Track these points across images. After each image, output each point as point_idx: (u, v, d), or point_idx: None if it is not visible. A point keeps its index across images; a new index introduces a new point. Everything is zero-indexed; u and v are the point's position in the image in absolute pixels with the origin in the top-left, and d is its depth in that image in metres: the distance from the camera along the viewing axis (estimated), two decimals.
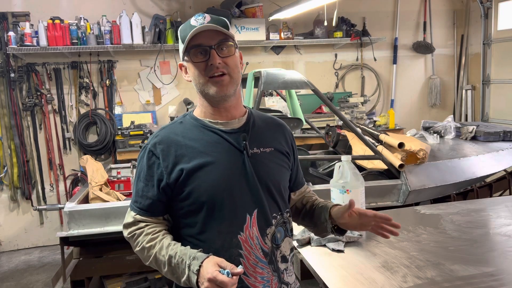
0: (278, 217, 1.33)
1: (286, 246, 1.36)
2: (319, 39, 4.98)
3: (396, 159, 2.90)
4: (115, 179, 3.43)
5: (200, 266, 1.12)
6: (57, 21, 4.25)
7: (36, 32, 4.23)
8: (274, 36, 4.82)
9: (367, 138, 3.11)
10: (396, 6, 5.41)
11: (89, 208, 2.71)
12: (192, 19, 1.26)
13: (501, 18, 5.13)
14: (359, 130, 3.09)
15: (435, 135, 3.70)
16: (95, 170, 3.19)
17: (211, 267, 1.09)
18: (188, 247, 1.20)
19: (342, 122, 3.10)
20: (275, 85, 2.85)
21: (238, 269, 1.09)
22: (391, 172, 2.99)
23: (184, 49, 1.26)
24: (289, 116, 3.33)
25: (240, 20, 4.60)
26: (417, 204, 2.92)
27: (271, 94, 4.81)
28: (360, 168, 3.09)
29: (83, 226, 2.67)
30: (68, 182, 4.76)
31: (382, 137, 3.14)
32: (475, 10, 5.44)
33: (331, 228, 1.38)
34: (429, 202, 3.02)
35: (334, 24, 4.37)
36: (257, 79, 2.95)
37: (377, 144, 3.08)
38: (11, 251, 4.68)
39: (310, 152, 3.92)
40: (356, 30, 5.07)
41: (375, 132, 3.30)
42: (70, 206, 2.69)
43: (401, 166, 2.86)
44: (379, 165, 3.06)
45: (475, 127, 3.73)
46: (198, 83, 1.28)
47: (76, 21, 4.35)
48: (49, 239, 4.72)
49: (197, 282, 1.12)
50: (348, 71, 5.39)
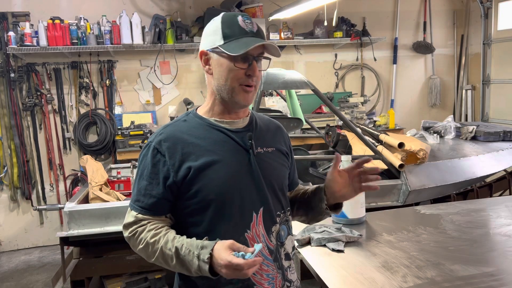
0: (282, 215, 1.36)
1: (289, 244, 1.38)
2: (319, 39, 4.98)
3: (396, 159, 2.90)
4: (115, 179, 3.43)
5: (211, 254, 1.11)
6: (57, 21, 4.25)
7: (36, 32, 4.23)
8: (274, 36, 4.82)
9: (367, 138, 3.11)
10: (396, 6, 5.41)
11: (89, 208, 2.71)
12: (240, 19, 1.25)
13: (501, 18, 5.13)
14: (359, 130, 3.09)
15: (435, 135, 3.70)
16: (95, 170, 3.20)
17: (224, 253, 1.09)
18: (194, 238, 1.19)
19: (342, 122, 3.10)
20: (275, 85, 2.85)
21: (251, 249, 1.09)
22: (391, 172, 2.99)
23: (239, 53, 1.21)
24: (289, 116, 3.33)
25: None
26: (417, 204, 2.92)
27: (271, 94, 4.81)
28: None
29: (83, 226, 2.67)
30: (68, 182, 4.76)
31: (382, 137, 3.14)
32: (475, 10, 5.44)
33: (326, 206, 1.38)
34: (429, 202, 3.02)
35: (334, 24, 4.37)
36: None
37: (377, 144, 3.08)
38: (11, 251, 4.68)
39: (310, 152, 3.92)
40: (356, 30, 5.07)
41: (375, 132, 3.30)
42: (70, 206, 2.69)
43: (401, 166, 2.86)
44: (379, 165, 3.06)
45: (475, 127, 3.73)
46: (228, 86, 1.26)
47: (76, 21, 4.35)
48: (49, 239, 4.72)
49: (210, 270, 1.12)
50: (348, 71, 5.39)
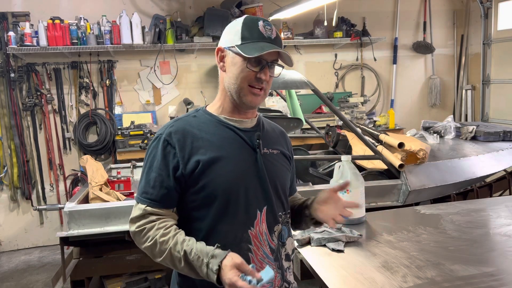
0: (283, 216, 1.38)
1: (290, 245, 1.40)
2: (319, 39, 4.98)
3: (396, 159, 2.90)
4: (115, 179, 3.43)
5: (220, 266, 1.12)
6: (57, 21, 4.25)
7: (36, 32, 4.23)
8: None
9: (367, 138, 3.11)
10: (396, 6, 5.41)
11: (89, 208, 2.71)
12: (261, 24, 1.27)
13: (501, 18, 5.13)
14: (359, 130, 3.09)
15: (435, 135, 3.70)
16: (95, 170, 3.19)
17: (230, 272, 1.09)
18: (203, 243, 1.19)
19: (342, 122, 3.10)
20: (275, 85, 2.85)
21: (259, 274, 1.09)
22: (391, 172, 2.99)
23: (255, 56, 1.24)
24: (289, 116, 3.33)
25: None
26: (417, 204, 2.92)
27: (271, 94, 4.81)
28: (360, 168, 3.08)
29: (83, 226, 2.67)
30: (68, 182, 4.76)
31: (382, 137, 3.14)
32: (475, 10, 5.44)
33: (310, 219, 1.43)
34: (429, 202, 3.02)
35: (334, 24, 4.37)
36: None
37: (377, 144, 3.08)
38: (11, 251, 4.68)
39: (310, 152, 3.92)
40: (356, 30, 5.07)
41: (375, 132, 3.30)
42: (70, 206, 2.68)
43: (401, 166, 2.86)
44: (379, 165, 3.06)
45: (475, 127, 3.73)
46: (238, 85, 1.28)
47: (76, 21, 4.35)
48: (49, 239, 4.72)
49: (217, 280, 1.12)
50: (348, 71, 5.39)
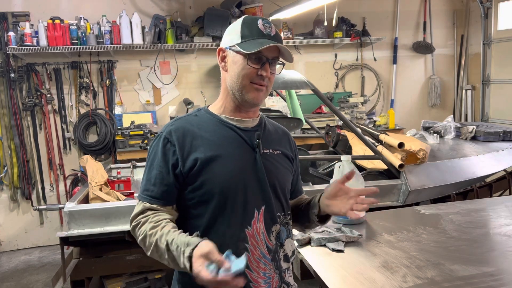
0: (282, 217, 1.37)
1: (289, 247, 1.39)
2: (319, 39, 4.98)
3: (396, 159, 2.90)
4: (115, 179, 3.42)
5: (192, 253, 1.11)
6: (57, 21, 4.25)
7: (36, 32, 4.22)
8: None
9: (367, 138, 3.11)
10: (396, 6, 5.41)
11: (89, 208, 2.71)
12: (260, 23, 1.29)
13: (501, 18, 5.13)
14: (359, 130, 3.09)
15: (435, 135, 3.70)
16: (95, 170, 3.19)
17: (197, 260, 1.07)
18: (184, 234, 1.18)
19: (342, 122, 3.10)
20: (275, 85, 2.85)
21: (226, 265, 1.04)
22: (391, 172, 2.99)
23: (252, 51, 1.25)
24: (289, 116, 3.33)
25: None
26: (417, 204, 2.92)
27: (271, 94, 4.81)
28: (360, 168, 3.09)
29: (83, 226, 2.67)
30: (68, 182, 4.76)
31: (382, 137, 3.14)
32: (475, 10, 5.44)
33: (316, 215, 1.39)
34: (429, 202, 3.02)
35: (334, 24, 4.37)
36: None
37: (377, 144, 3.08)
38: (11, 251, 4.68)
39: (310, 152, 3.92)
40: (356, 30, 5.07)
41: (375, 132, 3.30)
42: (70, 206, 2.68)
43: (401, 166, 2.86)
44: (379, 165, 3.06)
45: (475, 127, 3.73)
46: (240, 83, 1.29)
47: (76, 21, 4.35)
48: (49, 239, 4.72)
49: (191, 269, 1.10)
50: (348, 71, 5.39)
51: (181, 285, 1.33)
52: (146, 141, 4.29)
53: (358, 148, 3.37)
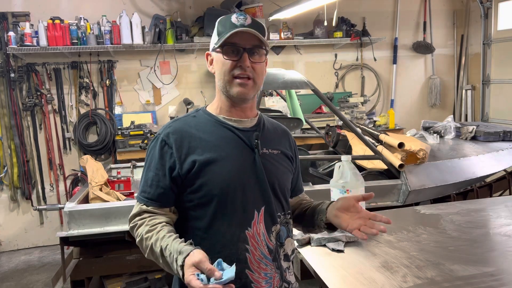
0: (282, 217, 1.37)
1: (289, 246, 1.39)
2: (319, 39, 4.98)
3: (396, 159, 2.90)
4: (115, 179, 3.42)
5: (184, 262, 1.11)
6: (57, 21, 4.25)
7: (36, 32, 4.23)
8: (274, 36, 4.82)
9: (367, 138, 3.11)
10: (396, 6, 5.41)
11: (89, 208, 2.71)
12: (234, 17, 1.29)
13: (501, 18, 5.13)
14: (359, 130, 3.09)
15: (435, 135, 3.69)
16: (95, 170, 3.19)
17: (188, 269, 1.07)
18: (178, 240, 1.18)
19: (342, 122, 3.10)
20: (275, 85, 2.85)
21: (218, 273, 1.05)
22: (391, 172, 2.99)
23: (219, 44, 1.28)
24: (289, 116, 3.33)
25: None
26: (417, 204, 2.92)
27: (271, 94, 4.81)
28: (360, 168, 3.09)
29: (83, 226, 2.67)
30: (68, 182, 4.76)
31: (382, 137, 3.14)
32: (475, 10, 5.44)
33: (324, 223, 1.38)
34: (429, 202, 3.02)
35: (334, 24, 4.37)
36: None
37: (377, 144, 3.08)
38: (11, 251, 4.68)
39: (310, 152, 3.92)
40: (356, 30, 5.07)
41: (375, 132, 3.29)
42: (70, 206, 2.68)
43: (401, 166, 2.86)
44: (379, 165, 3.06)
45: (475, 127, 3.72)
46: (223, 80, 1.29)
47: (76, 21, 4.35)
48: (49, 239, 4.72)
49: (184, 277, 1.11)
50: (348, 71, 5.39)
51: (181, 285, 1.33)
52: (146, 141, 4.29)
53: (358, 148, 3.37)
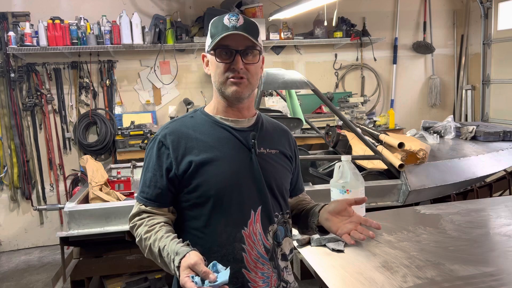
0: (280, 217, 1.38)
1: (286, 246, 1.39)
2: (319, 39, 4.98)
3: (396, 159, 2.90)
4: (115, 179, 3.42)
5: (180, 263, 1.12)
6: (57, 21, 4.25)
7: (36, 32, 4.23)
8: (274, 36, 4.82)
9: (367, 138, 3.11)
10: (396, 6, 5.41)
11: (89, 208, 2.71)
12: (226, 18, 1.29)
13: (501, 18, 5.13)
14: (359, 130, 3.09)
15: (435, 135, 3.69)
16: (95, 170, 3.19)
17: (183, 272, 1.08)
18: (175, 240, 1.19)
19: (342, 122, 3.10)
20: (275, 85, 2.85)
21: (213, 275, 1.06)
22: (391, 172, 2.99)
23: (211, 47, 1.29)
24: (289, 116, 3.33)
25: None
26: (417, 204, 2.92)
27: (271, 94, 4.81)
28: (360, 168, 3.08)
29: (83, 226, 2.67)
30: (68, 182, 4.76)
31: (382, 137, 3.14)
32: (475, 10, 5.44)
33: (316, 226, 1.39)
34: (429, 202, 3.02)
35: (334, 24, 4.37)
36: None
37: (377, 144, 3.08)
38: (11, 251, 4.68)
39: (310, 152, 3.92)
40: (356, 30, 5.07)
41: (375, 132, 3.29)
42: (70, 206, 2.68)
43: (401, 166, 2.86)
44: (379, 165, 3.06)
45: (475, 127, 3.72)
46: (217, 81, 1.31)
47: (76, 21, 4.35)
48: (49, 239, 4.72)
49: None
50: (348, 71, 5.39)
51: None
52: (146, 141, 4.29)
53: (358, 148, 3.37)
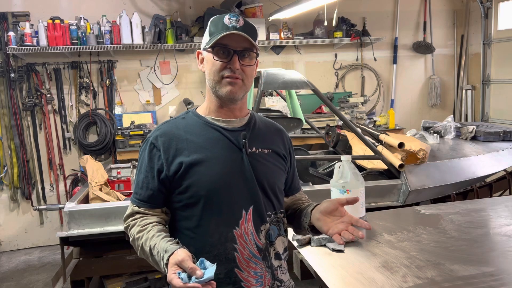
0: (273, 216, 1.38)
1: (280, 245, 1.40)
2: (319, 39, 4.98)
3: (396, 159, 2.90)
4: (115, 179, 3.43)
5: (167, 261, 1.13)
6: (57, 21, 4.25)
7: (36, 32, 4.22)
8: (274, 36, 4.82)
9: (367, 138, 3.11)
10: (396, 6, 5.41)
11: (89, 208, 2.71)
12: (226, 18, 1.29)
13: (501, 18, 5.13)
14: (359, 130, 3.09)
15: (435, 135, 3.70)
16: (95, 170, 3.20)
17: (171, 268, 1.10)
18: (166, 239, 1.20)
19: (342, 122, 3.10)
20: (275, 85, 2.86)
21: (200, 272, 1.07)
22: (391, 172, 2.99)
23: (210, 45, 1.29)
24: (289, 116, 3.33)
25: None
26: (417, 204, 2.92)
27: (271, 94, 4.81)
28: (360, 168, 3.09)
29: (83, 226, 2.67)
30: (68, 182, 4.76)
31: (382, 137, 3.14)
32: (475, 10, 5.44)
33: (308, 226, 1.39)
34: (429, 202, 3.03)
35: (334, 24, 4.36)
36: (257, 79, 2.95)
37: (377, 144, 3.08)
38: (11, 251, 4.68)
39: (310, 152, 3.92)
40: (356, 30, 5.07)
41: (375, 132, 3.30)
42: (70, 206, 2.69)
43: (401, 166, 2.86)
44: (379, 165, 3.06)
45: (475, 127, 3.73)
46: (212, 80, 1.31)
47: (76, 21, 4.35)
48: (49, 239, 4.72)
49: None
50: (348, 71, 5.39)
51: None
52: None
53: (358, 148, 3.37)
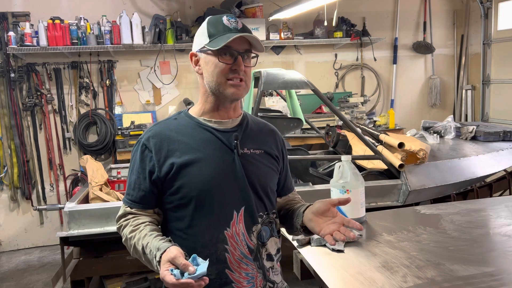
0: (264, 217, 1.38)
1: (272, 246, 1.39)
2: (319, 39, 4.98)
3: (396, 159, 2.90)
4: (115, 179, 3.43)
5: (161, 258, 1.14)
6: (57, 21, 4.25)
7: (36, 32, 4.23)
8: (274, 36, 4.82)
9: (367, 138, 3.11)
10: (396, 6, 5.41)
11: (89, 208, 2.71)
12: (225, 19, 1.30)
13: (501, 18, 5.13)
14: (359, 130, 3.09)
15: (435, 135, 3.70)
16: (95, 170, 3.19)
17: (163, 265, 1.11)
18: (158, 238, 1.21)
19: (342, 122, 3.10)
20: (275, 85, 2.86)
21: (192, 268, 1.08)
22: (391, 172, 2.99)
23: (217, 47, 1.26)
24: (289, 116, 3.33)
25: (240, 20, 4.60)
26: (417, 204, 2.92)
27: (271, 94, 4.81)
28: (360, 168, 3.09)
29: (83, 226, 2.67)
30: (68, 182, 4.76)
31: (382, 137, 3.14)
32: (475, 10, 5.44)
33: (300, 227, 1.39)
34: (429, 202, 3.03)
35: (334, 24, 4.37)
36: (257, 79, 2.95)
37: (377, 144, 3.08)
38: (11, 251, 4.68)
39: (310, 152, 3.92)
40: (356, 30, 5.07)
41: (375, 132, 3.30)
42: (70, 206, 2.69)
43: (401, 166, 2.86)
44: (379, 165, 3.06)
45: (475, 127, 3.73)
46: (215, 81, 1.29)
47: (76, 21, 4.35)
48: (49, 239, 4.72)
49: None
50: (348, 71, 5.39)
51: None
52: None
53: (358, 148, 3.37)
